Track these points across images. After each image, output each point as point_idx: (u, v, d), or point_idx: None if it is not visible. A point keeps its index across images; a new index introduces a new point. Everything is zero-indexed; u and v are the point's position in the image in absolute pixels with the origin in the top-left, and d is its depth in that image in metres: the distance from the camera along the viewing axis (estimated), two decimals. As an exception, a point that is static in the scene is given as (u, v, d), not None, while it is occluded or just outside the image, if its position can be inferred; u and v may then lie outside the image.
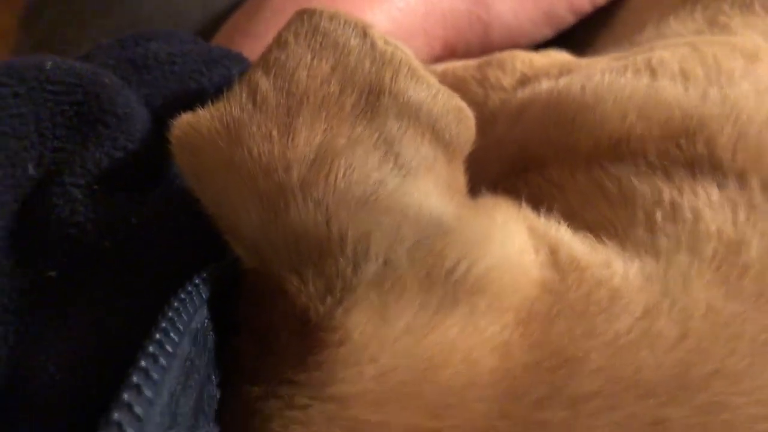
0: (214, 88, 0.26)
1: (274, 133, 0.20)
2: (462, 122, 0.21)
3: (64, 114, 0.24)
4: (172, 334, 0.17)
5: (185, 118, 0.21)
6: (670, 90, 0.23)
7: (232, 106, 0.21)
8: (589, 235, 0.22)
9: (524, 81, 0.28)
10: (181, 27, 0.37)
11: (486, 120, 0.27)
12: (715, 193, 0.21)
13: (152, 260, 0.22)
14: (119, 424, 0.14)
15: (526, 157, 0.24)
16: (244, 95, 0.21)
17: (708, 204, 0.21)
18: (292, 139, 0.19)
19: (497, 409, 0.18)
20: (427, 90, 0.21)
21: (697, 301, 0.19)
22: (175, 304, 0.18)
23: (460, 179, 0.21)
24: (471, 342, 0.18)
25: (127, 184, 0.23)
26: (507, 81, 0.28)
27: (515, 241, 0.20)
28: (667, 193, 0.21)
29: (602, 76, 0.24)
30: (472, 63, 0.30)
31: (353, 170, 0.19)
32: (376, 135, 0.20)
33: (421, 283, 0.18)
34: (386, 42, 0.21)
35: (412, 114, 0.20)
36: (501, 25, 0.33)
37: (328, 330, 0.18)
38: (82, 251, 0.22)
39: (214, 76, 0.27)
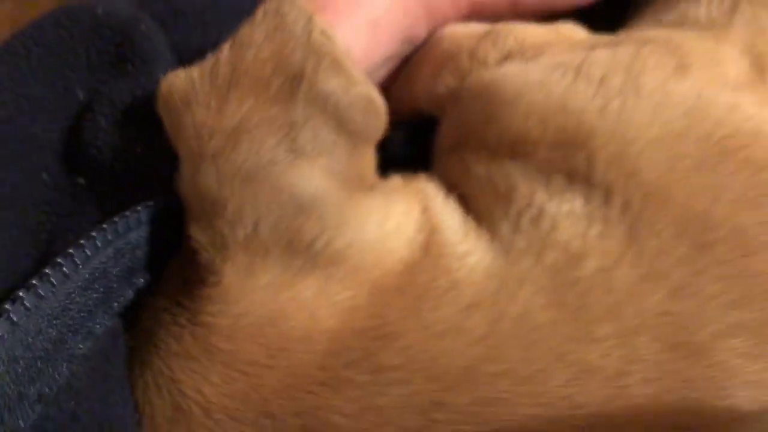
0: None
1: (213, 103, 0.24)
2: (370, 114, 0.24)
3: (108, 52, 0.30)
4: (86, 250, 0.23)
5: (172, 75, 0.26)
6: (580, 96, 0.23)
7: (198, 71, 0.25)
8: (473, 223, 0.24)
9: (508, 58, 0.29)
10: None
11: (460, 94, 0.29)
12: (579, 205, 0.22)
13: (147, 184, 0.28)
14: (8, 312, 0.20)
15: (460, 138, 0.27)
16: (210, 62, 0.25)
17: (568, 215, 0.22)
18: (223, 112, 0.24)
19: (318, 361, 0.22)
20: (342, 82, 0.24)
21: (517, 305, 0.21)
22: (104, 225, 0.24)
23: (364, 163, 0.24)
24: (319, 303, 0.23)
25: (143, 118, 0.29)
26: (493, 56, 0.29)
27: (393, 220, 0.24)
28: (540, 197, 0.23)
29: (534, 71, 0.25)
30: (478, 31, 0.32)
31: (253, 147, 0.23)
32: (284, 118, 0.23)
33: (284, 250, 0.23)
34: (322, 34, 0.24)
35: (320, 102, 0.24)
36: None
37: (209, 272, 0.23)
38: (100, 169, 0.29)
39: (237, 29, 0.31)
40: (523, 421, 0.20)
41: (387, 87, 0.34)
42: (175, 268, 0.25)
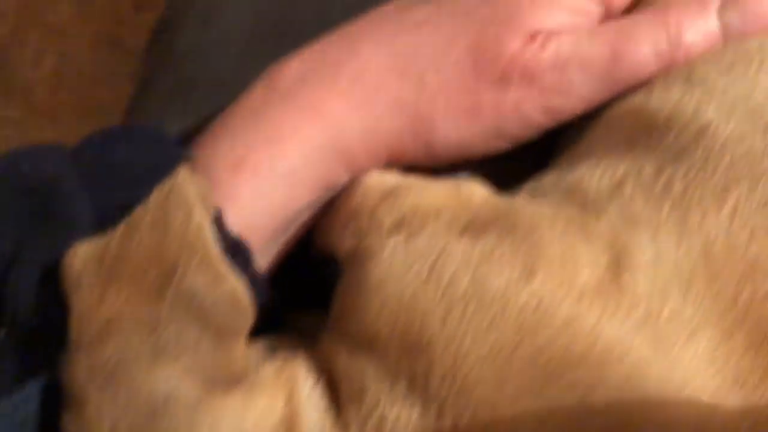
0: None
1: (96, 290, 0.26)
2: (235, 310, 0.25)
3: (31, 209, 0.32)
4: None
5: (74, 249, 0.28)
6: (428, 297, 0.24)
7: (93, 251, 0.27)
8: (333, 418, 0.25)
9: (398, 226, 0.30)
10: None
11: (352, 259, 0.30)
12: (416, 416, 0.23)
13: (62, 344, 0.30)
14: None
15: (335, 317, 0.28)
16: (103, 244, 0.27)
17: (406, 425, 0.23)
18: (102, 301, 0.26)
19: None
20: (208, 280, 0.25)
21: None
22: None
23: (230, 357, 0.26)
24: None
25: (58, 281, 0.31)
26: (388, 220, 0.30)
27: (252, 417, 0.25)
28: (384, 402, 0.24)
29: (399, 260, 0.26)
30: (386, 186, 0.33)
31: (120, 343, 0.25)
32: (152, 315, 0.25)
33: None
34: (198, 229, 0.26)
35: (186, 300, 0.25)
36: (445, 142, 0.34)
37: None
38: (19, 325, 0.31)
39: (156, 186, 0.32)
40: None
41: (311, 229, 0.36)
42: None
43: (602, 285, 0.24)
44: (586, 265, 0.25)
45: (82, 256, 0.26)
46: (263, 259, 0.34)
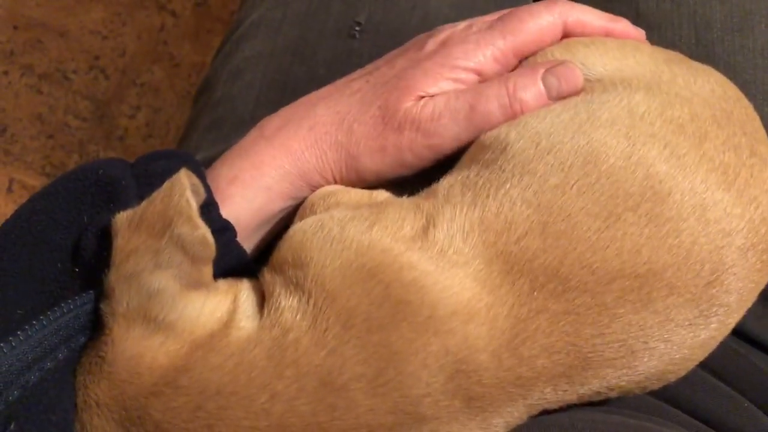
0: None
1: (127, 234, 0.44)
2: (203, 246, 0.42)
3: (101, 195, 0.51)
4: (28, 330, 0.42)
5: (120, 214, 0.46)
6: (315, 241, 0.41)
7: (126, 216, 0.45)
8: (258, 309, 0.42)
9: (325, 210, 0.47)
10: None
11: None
12: (295, 302, 0.40)
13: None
14: None
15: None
16: (132, 211, 0.45)
17: (291, 307, 0.40)
18: (129, 241, 0.43)
19: (152, 382, 0.40)
20: (189, 229, 0.43)
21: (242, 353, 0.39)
22: (49, 312, 0.43)
23: (201, 273, 0.43)
24: (159, 350, 0.41)
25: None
26: (320, 208, 0.48)
27: (209, 306, 0.42)
28: (282, 296, 0.40)
29: (309, 222, 0.43)
30: (327, 191, 0.50)
31: (135, 261, 0.42)
32: (155, 246, 0.43)
33: (143, 319, 0.41)
34: (186, 201, 0.43)
35: (176, 239, 0.42)
36: (366, 171, 0.49)
37: (106, 329, 0.42)
38: (86, 265, 0.49)
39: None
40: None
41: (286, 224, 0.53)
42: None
43: (416, 235, 0.41)
44: (409, 224, 0.41)
45: (122, 217, 0.45)
46: (248, 244, 0.52)
